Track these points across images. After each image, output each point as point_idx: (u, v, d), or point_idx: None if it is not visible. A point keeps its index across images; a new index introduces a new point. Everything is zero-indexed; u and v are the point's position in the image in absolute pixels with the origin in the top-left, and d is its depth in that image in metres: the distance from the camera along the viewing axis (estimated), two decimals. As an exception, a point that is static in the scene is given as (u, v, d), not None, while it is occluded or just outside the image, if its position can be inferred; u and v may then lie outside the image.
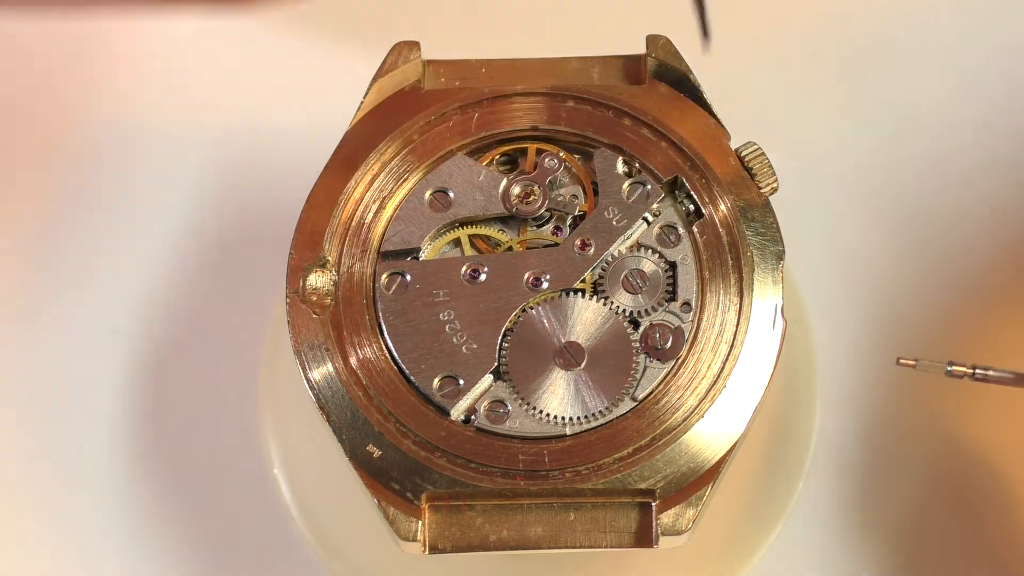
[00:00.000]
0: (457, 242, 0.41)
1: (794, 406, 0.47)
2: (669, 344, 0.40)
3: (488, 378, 0.40)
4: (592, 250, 0.41)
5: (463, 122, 0.41)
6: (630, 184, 0.41)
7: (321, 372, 0.39)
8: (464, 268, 0.41)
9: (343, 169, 0.40)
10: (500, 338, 0.40)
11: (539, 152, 0.41)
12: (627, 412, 0.39)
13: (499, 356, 0.40)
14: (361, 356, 0.39)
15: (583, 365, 0.40)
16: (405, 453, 0.39)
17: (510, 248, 0.41)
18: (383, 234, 0.40)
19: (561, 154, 0.41)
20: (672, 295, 0.40)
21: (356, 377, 0.39)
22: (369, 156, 0.40)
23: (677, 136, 0.40)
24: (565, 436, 0.39)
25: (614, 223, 0.41)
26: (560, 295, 0.40)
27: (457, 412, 0.40)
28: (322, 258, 0.39)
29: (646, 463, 0.39)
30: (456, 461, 0.39)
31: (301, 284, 0.39)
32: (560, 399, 0.40)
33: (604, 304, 0.40)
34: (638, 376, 0.40)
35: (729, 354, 0.39)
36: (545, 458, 0.39)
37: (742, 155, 0.40)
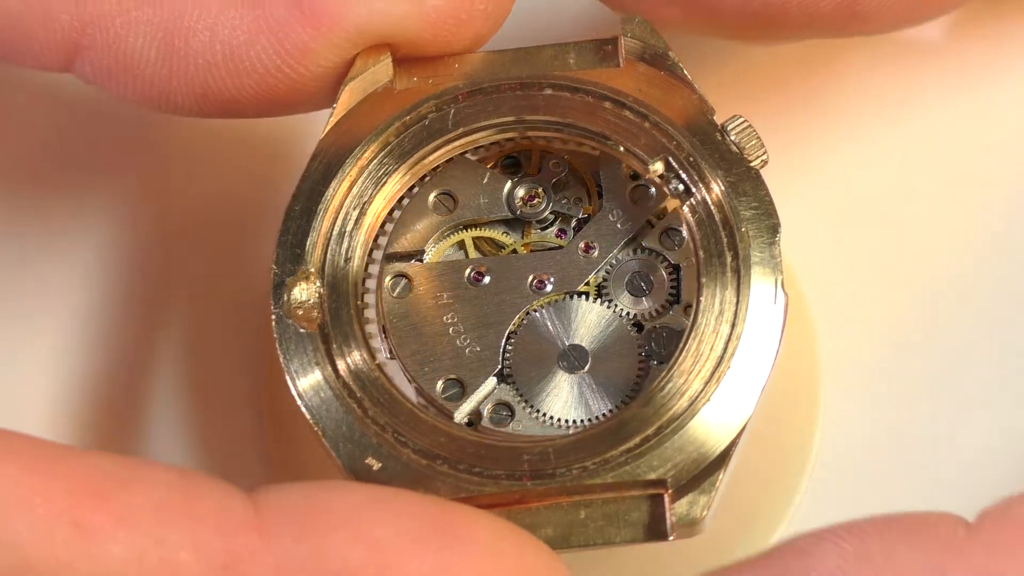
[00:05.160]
0: (461, 244, 0.41)
1: (797, 405, 0.47)
2: (673, 347, 0.40)
3: (492, 381, 0.40)
4: (596, 253, 0.41)
5: (439, 119, 0.40)
6: (634, 186, 0.41)
7: (312, 387, 0.38)
8: (468, 271, 0.41)
9: (320, 178, 0.39)
10: (504, 341, 0.40)
11: (544, 155, 0.41)
12: (631, 402, 0.39)
13: (503, 359, 0.40)
14: (352, 367, 0.38)
15: (587, 368, 0.40)
16: (406, 463, 0.38)
17: (514, 251, 0.41)
18: (366, 241, 0.39)
19: (565, 156, 0.41)
20: (676, 298, 0.40)
21: (349, 389, 0.38)
22: (345, 162, 0.39)
23: (660, 115, 0.39)
24: (572, 432, 0.39)
25: (618, 226, 0.41)
26: (564, 298, 0.40)
27: (460, 415, 0.40)
28: (305, 271, 0.39)
29: (655, 452, 0.37)
30: (459, 467, 0.38)
31: (285, 299, 0.38)
32: (564, 402, 0.40)
33: (608, 307, 0.40)
34: (642, 379, 0.40)
35: (731, 334, 0.38)
36: (551, 456, 0.38)
37: (729, 129, 0.39)
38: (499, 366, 0.40)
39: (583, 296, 0.40)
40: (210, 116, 0.40)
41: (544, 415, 0.40)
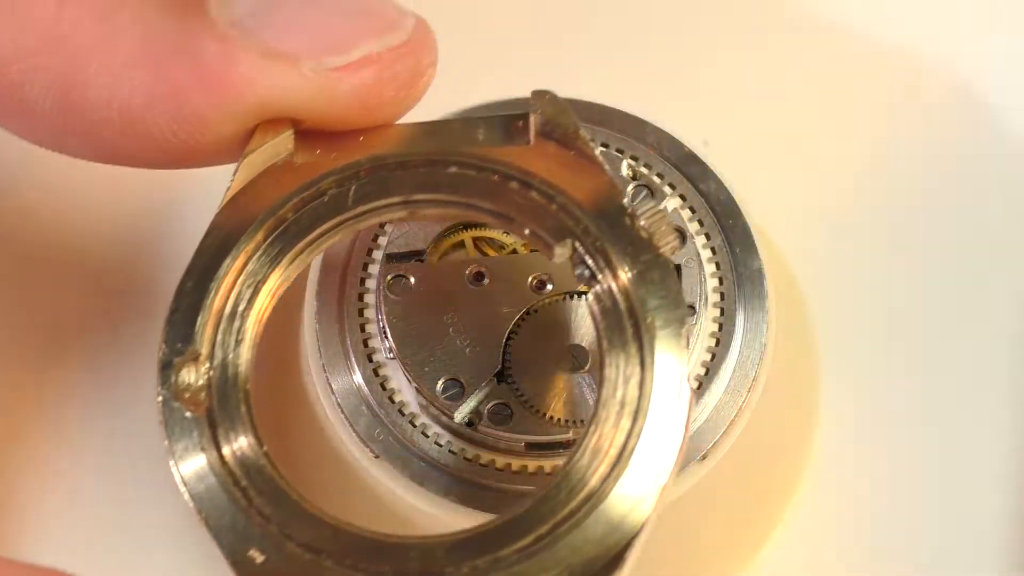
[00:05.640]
0: (461, 244, 0.41)
1: (797, 405, 0.47)
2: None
3: (492, 381, 0.40)
4: (596, 253, 0.41)
5: (339, 196, 0.38)
6: (634, 187, 0.41)
7: (197, 473, 0.36)
8: (468, 271, 0.41)
9: (214, 254, 0.37)
10: (504, 341, 0.40)
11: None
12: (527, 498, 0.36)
13: (503, 359, 0.40)
14: (239, 454, 0.36)
15: (587, 368, 0.40)
16: (290, 557, 0.35)
17: (514, 251, 0.41)
18: (258, 322, 0.37)
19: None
20: (676, 298, 0.40)
21: (234, 477, 0.36)
22: (240, 239, 0.37)
23: (568, 197, 0.37)
24: (463, 529, 0.36)
25: (618, 226, 0.41)
26: (564, 298, 0.40)
27: (461, 415, 0.40)
28: (194, 351, 0.37)
29: (548, 552, 0.35)
30: (344, 563, 0.35)
31: (173, 380, 0.36)
32: (564, 402, 0.40)
33: (608, 307, 0.40)
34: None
35: (632, 430, 0.36)
36: (439, 554, 0.35)
37: (639, 214, 0.37)
38: (499, 366, 0.40)
39: (583, 296, 0.40)
40: (108, 163, 0.39)
41: (544, 415, 0.40)
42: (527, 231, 0.37)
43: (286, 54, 0.37)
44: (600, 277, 0.37)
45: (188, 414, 0.36)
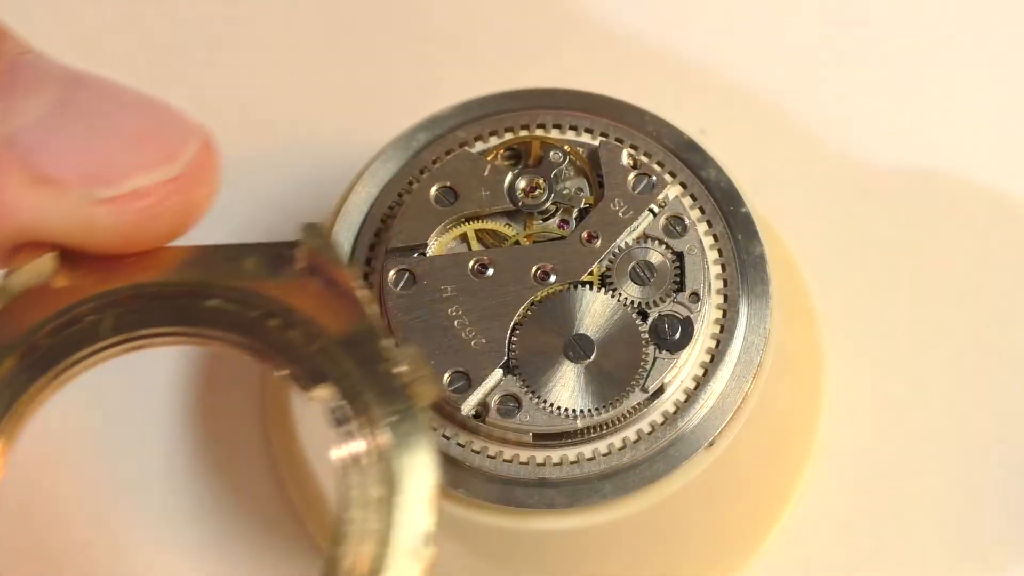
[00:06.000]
0: (463, 237, 0.41)
1: (799, 401, 0.47)
2: (678, 335, 0.40)
3: (498, 372, 0.40)
4: (599, 242, 0.41)
5: (95, 324, 0.36)
6: (635, 176, 0.41)
7: None
8: (471, 263, 0.41)
9: None
10: (509, 332, 0.40)
11: (544, 146, 0.41)
12: None
13: (509, 350, 0.40)
14: None
15: (593, 357, 0.40)
16: None
17: (517, 242, 0.41)
18: (2, 453, 0.35)
19: (566, 147, 0.41)
20: (680, 285, 0.40)
21: None
22: None
23: (329, 338, 0.35)
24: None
25: (620, 215, 0.41)
26: (568, 288, 0.40)
27: (468, 407, 0.40)
28: None
29: None
30: None
31: None
32: (571, 392, 0.40)
33: (612, 296, 0.40)
34: (648, 367, 0.40)
35: None
36: None
37: (399, 360, 0.35)
38: (505, 358, 0.40)
39: (587, 286, 0.40)
40: None
41: (551, 405, 0.40)
42: (284, 372, 0.35)
43: (54, 180, 0.34)
44: (354, 424, 0.35)
45: None
